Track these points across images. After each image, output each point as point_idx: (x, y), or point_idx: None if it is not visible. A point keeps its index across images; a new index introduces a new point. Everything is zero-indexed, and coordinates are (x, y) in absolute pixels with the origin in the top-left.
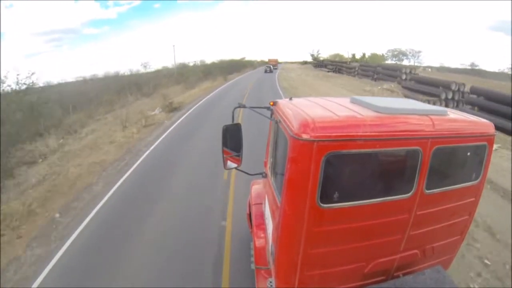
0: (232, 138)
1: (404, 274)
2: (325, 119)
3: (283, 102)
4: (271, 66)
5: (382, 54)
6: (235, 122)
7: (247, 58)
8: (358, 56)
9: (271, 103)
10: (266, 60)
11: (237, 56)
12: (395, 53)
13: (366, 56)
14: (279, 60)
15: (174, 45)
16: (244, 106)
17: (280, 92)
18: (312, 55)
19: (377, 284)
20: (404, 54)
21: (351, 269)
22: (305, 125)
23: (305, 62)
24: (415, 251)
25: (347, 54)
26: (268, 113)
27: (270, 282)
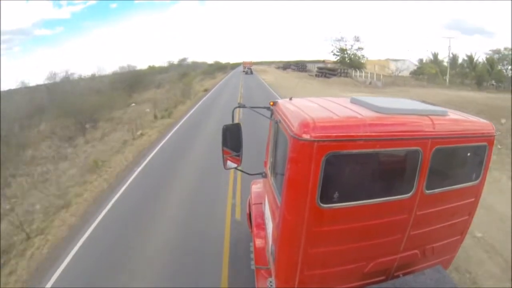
0: (232, 138)
1: (404, 274)
2: (326, 119)
3: (283, 102)
4: (251, 68)
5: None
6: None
7: (192, 59)
8: None
9: (271, 103)
10: (223, 62)
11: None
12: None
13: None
14: (235, 62)
15: None
16: (244, 106)
17: None
18: (344, 51)
19: (377, 284)
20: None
21: (351, 269)
22: (305, 125)
23: (277, 66)
24: (415, 251)
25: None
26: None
27: (270, 282)
